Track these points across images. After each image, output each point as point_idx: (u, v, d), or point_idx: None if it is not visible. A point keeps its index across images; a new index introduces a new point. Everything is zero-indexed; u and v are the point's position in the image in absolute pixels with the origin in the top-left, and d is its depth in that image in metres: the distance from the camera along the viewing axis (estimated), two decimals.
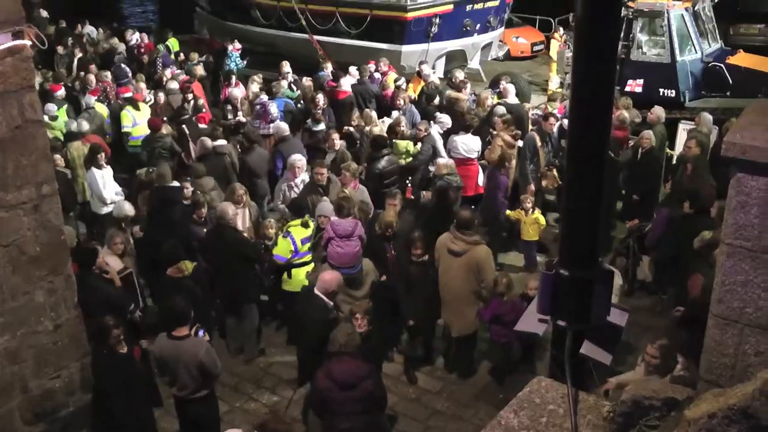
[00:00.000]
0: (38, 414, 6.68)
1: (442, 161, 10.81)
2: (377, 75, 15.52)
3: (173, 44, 19.67)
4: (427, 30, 17.58)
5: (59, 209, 6.65)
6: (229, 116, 14.45)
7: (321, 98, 13.33)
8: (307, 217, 9.27)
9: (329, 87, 14.67)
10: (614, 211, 11.53)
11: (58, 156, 10.84)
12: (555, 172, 11.35)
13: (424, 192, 10.95)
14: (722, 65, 14.98)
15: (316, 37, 18.76)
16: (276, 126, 12.57)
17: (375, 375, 6.57)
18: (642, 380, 5.65)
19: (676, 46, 14.97)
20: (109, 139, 13.34)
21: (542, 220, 10.71)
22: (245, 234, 9.51)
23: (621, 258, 10.31)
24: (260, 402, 8.46)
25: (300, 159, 10.73)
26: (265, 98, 13.73)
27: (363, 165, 11.43)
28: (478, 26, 18.65)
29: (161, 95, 14.31)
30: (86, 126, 12.29)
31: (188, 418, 7.07)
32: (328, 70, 15.81)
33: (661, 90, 15.04)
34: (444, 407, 8.36)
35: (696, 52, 15.21)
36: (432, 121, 12.27)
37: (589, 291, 2.84)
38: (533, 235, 10.75)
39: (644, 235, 9.76)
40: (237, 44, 18.70)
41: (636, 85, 15.21)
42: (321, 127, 12.73)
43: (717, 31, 16.32)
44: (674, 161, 12.14)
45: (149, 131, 12.64)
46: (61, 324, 6.72)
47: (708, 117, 12.22)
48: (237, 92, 14.74)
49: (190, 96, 14.21)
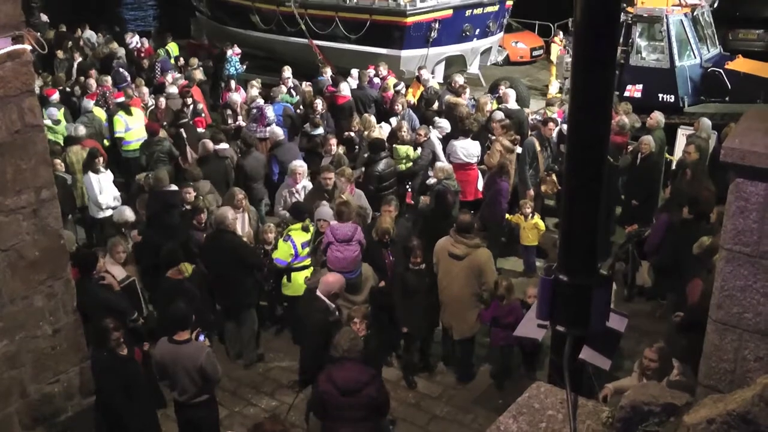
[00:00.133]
0: (37, 419, 6.66)
1: (440, 165, 10.83)
2: (376, 80, 15.55)
3: (173, 49, 19.70)
4: (427, 35, 17.60)
5: (58, 214, 6.64)
6: (229, 121, 14.51)
7: (319, 103, 13.35)
8: (308, 221, 9.27)
9: (329, 92, 14.69)
10: (613, 216, 11.52)
11: (58, 161, 10.84)
12: (554, 177, 11.35)
13: (423, 197, 10.97)
14: (721, 70, 14.99)
15: (316, 42, 18.79)
16: (271, 130, 12.61)
17: (377, 380, 6.54)
18: (641, 385, 5.63)
19: (675, 52, 14.98)
20: (108, 143, 13.35)
21: (542, 225, 10.71)
22: (244, 239, 9.51)
23: (620, 263, 10.31)
24: (259, 407, 8.45)
25: (301, 165, 10.74)
26: (262, 102, 13.77)
27: (360, 169, 11.46)
28: (478, 31, 18.68)
29: (162, 100, 14.33)
30: (83, 130, 12.30)
31: (188, 423, 7.06)
32: (328, 75, 15.83)
33: (660, 95, 15.05)
34: (443, 412, 8.34)
35: (695, 58, 15.23)
36: (431, 126, 12.30)
37: (588, 296, 2.84)
38: (533, 240, 10.76)
39: (643, 241, 9.75)
40: (236, 49, 18.73)
41: (635, 90, 15.21)
42: (319, 132, 12.75)
43: (716, 37, 16.35)
44: (673, 166, 12.14)
45: (147, 135, 12.71)
46: (60, 328, 6.70)
47: (707, 122, 12.23)
48: (236, 97, 14.80)
49: (189, 100, 14.25)
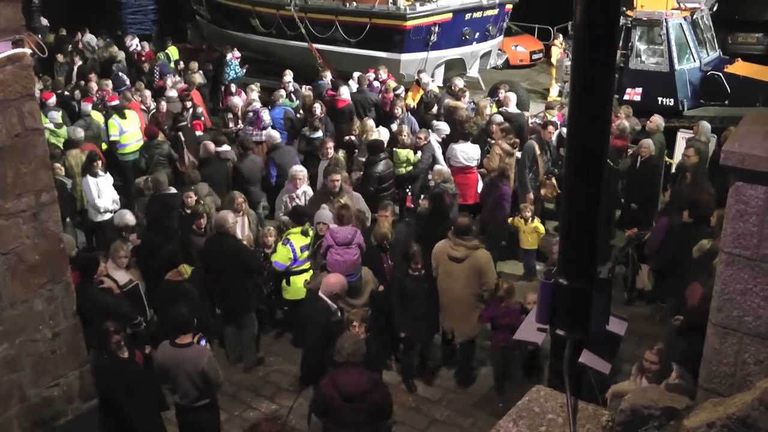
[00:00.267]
0: (37, 422, 6.65)
1: (437, 168, 10.87)
2: (376, 83, 15.56)
3: (173, 53, 19.71)
4: (426, 38, 17.61)
5: (58, 217, 6.65)
6: (230, 124, 14.55)
7: (318, 107, 13.38)
8: (307, 225, 9.28)
9: (328, 96, 14.70)
10: (613, 220, 11.52)
11: (58, 165, 10.84)
12: (554, 181, 11.36)
13: (421, 200, 11.00)
14: (720, 74, 15.01)
15: (316, 46, 18.80)
16: (267, 133, 12.64)
17: (381, 386, 6.53)
18: (641, 389, 5.63)
19: (675, 55, 15.00)
20: (105, 147, 13.36)
21: (541, 229, 10.72)
22: (245, 242, 9.51)
23: (620, 266, 10.31)
24: (259, 410, 8.44)
25: (301, 170, 10.75)
26: (258, 105, 13.80)
27: (359, 171, 11.49)
28: (477, 35, 18.69)
29: (163, 104, 14.35)
30: (82, 134, 12.32)
31: (189, 426, 7.07)
32: (328, 79, 15.84)
33: (660, 99, 15.06)
34: (443, 416, 8.34)
35: (694, 61, 15.24)
36: (431, 130, 12.32)
37: (588, 300, 2.83)
38: (532, 244, 10.77)
39: (643, 244, 9.75)
40: (236, 52, 18.74)
41: (635, 94, 15.23)
42: (318, 135, 12.78)
43: (715, 40, 16.37)
44: (673, 170, 12.15)
45: (147, 139, 12.77)
46: (60, 332, 6.71)
47: (706, 126, 12.25)
48: (237, 100, 14.83)
49: (189, 104, 14.28)
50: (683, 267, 8.31)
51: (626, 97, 15.08)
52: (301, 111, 14.52)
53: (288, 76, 15.72)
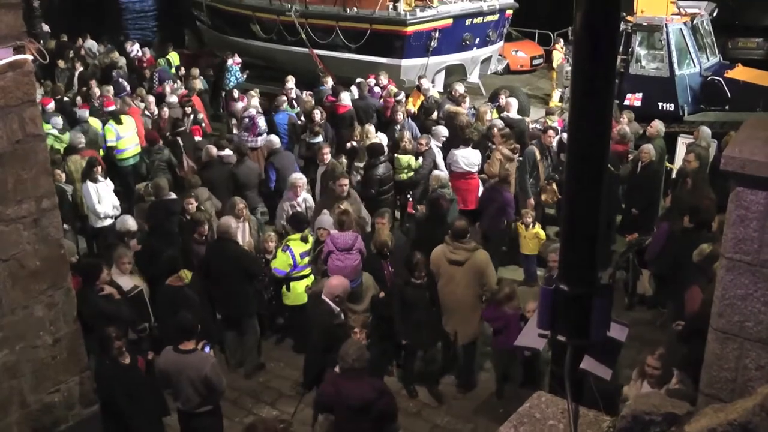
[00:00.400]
0: (37, 429, 6.65)
1: (435, 174, 10.89)
2: (377, 89, 15.57)
3: (174, 58, 19.74)
4: (427, 44, 17.63)
5: (59, 223, 6.66)
6: (234, 130, 14.58)
7: (317, 113, 13.40)
8: (307, 232, 9.28)
9: (329, 102, 14.72)
10: (614, 225, 11.52)
11: (58, 171, 10.85)
12: (554, 186, 11.35)
13: (419, 206, 11.02)
14: (721, 79, 15.02)
15: (316, 51, 18.82)
16: (266, 139, 12.69)
17: (386, 394, 6.51)
18: (641, 395, 5.63)
19: (675, 60, 15.01)
20: (102, 153, 13.37)
21: (542, 235, 10.70)
22: (246, 248, 9.51)
23: (621, 272, 10.30)
24: (260, 416, 8.41)
25: (300, 177, 10.76)
26: (254, 111, 13.83)
27: (358, 175, 11.54)
28: (478, 40, 18.71)
29: (165, 109, 14.37)
30: (83, 140, 12.34)
31: None
32: (329, 85, 15.86)
33: (660, 104, 15.07)
34: (444, 421, 8.32)
35: (694, 66, 15.26)
36: (431, 135, 12.34)
37: (589, 306, 2.83)
38: (533, 249, 10.75)
39: (644, 249, 9.75)
40: (237, 58, 18.76)
41: (635, 99, 15.23)
42: (318, 140, 12.81)
43: (715, 45, 16.38)
44: (674, 175, 12.15)
45: (147, 144, 12.80)
46: (61, 338, 6.71)
47: (707, 131, 12.24)
48: (240, 106, 14.82)
49: (189, 110, 14.31)
50: (684, 272, 8.30)
51: (626, 103, 15.08)
52: (303, 117, 14.54)
53: (290, 83, 15.74)
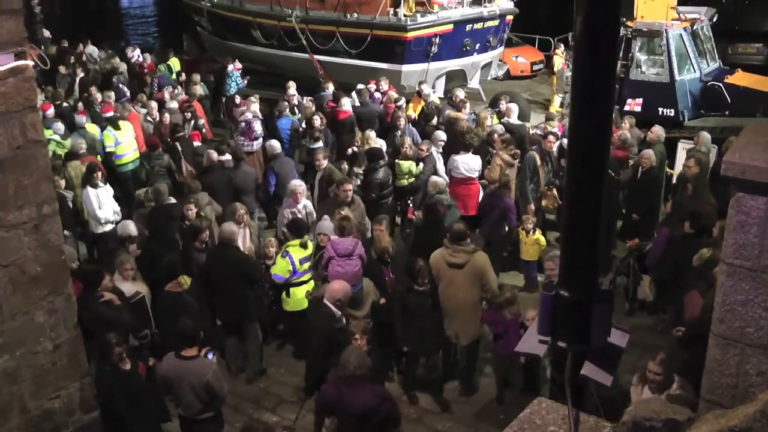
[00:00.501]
0: None
1: (433, 180, 10.91)
2: (377, 95, 15.59)
3: (174, 64, 19.76)
4: (427, 50, 17.64)
5: (60, 229, 6.66)
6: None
7: (317, 119, 13.44)
8: (306, 238, 9.28)
9: (329, 107, 14.74)
10: (615, 231, 11.51)
11: (57, 177, 10.83)
12: (555, 192, 11.35)
13: (416, 211, 11.04)
14: (721, 84, 15.03)
15: (317, 57, 18.85)
16: (267, 144, 12.69)
17: (388, 401, 6.50)
18: (642, 401, 5.62)
19: (675, 66, 15.03)
20: (101, 159, 13.38)
21: (542, 241, 10.68)
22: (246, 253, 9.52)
23: (621, 277, 10.30)
24: (260, 422, 8.41)
25: (300, 184, 10.76)
26: (250, 116, 13.87)
27: (358, 179, 11.60)
28: (478, 46, 18.73)
29: (167, 115, 14.38)
30: (84, 146, 12.36)
31: None
32: (330, 91, 15.87)
33: (660, 109, 15.08)
34: (446, 427, 8.31)
35: (695, 72, 15.27)
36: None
37: (589, 312, 2.83)
38: (534, 255, 10.71)
39: (644, 255, 9.74)
40: (237, 64, 18.78)
41: (635, 105, 15.25)
42: (318, 145, 12.83)
43: (715, 51, 16.40)
44: (674, 180, 12.15)
45: (148, 149, 12.82)
46: (61, 344, 6.70)
47: (706, 136, 12.25)
48: (243, 111, 14.82)
49: (189, 115, 14.32)
50: (685, 278, 8.30)
51: (627, 108, 15.09)
52: (304, 122, 14.56)
53: (292, 89, 15.75)
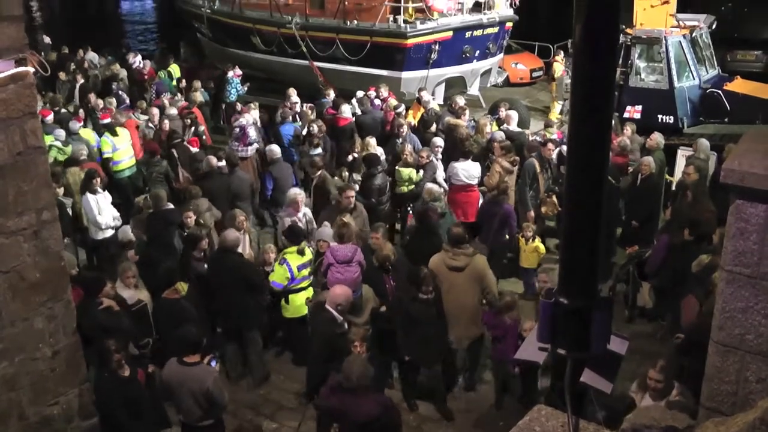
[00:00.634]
0: None
1: (428, 187, 10.90)
2: (377, 101, 15.60)
3: (175, 70, 19.80)
4: (427, 56, 17.67)
5: (59, 235, 6.66)
6: None
7: (315, 127, 13.47)
8: (303, 244, 9.29)
9: (329, 114, 14.76)
10: (614, 237, 11.51)
11: (55, 185, 10.82)
12: (554, 199, 11.35)
13: (411, 217, 11.08)
14: (720, 91, 15.05)
15: (317, 64, 18.88)
16: (269, 149, 12.77)
17: (391, 409, 6.49)
18: (642, 408, 5.62)
19: (674, 73, 15.06)
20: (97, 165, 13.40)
21: (542, 249, 10.67)
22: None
23: (621, 284, 10.29)
24: (259, 429, 8.40)
25: (299, 192, 10.76)
26: (244, 122, 13.91)
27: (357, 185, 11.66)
28: (478, 53, 18.76)
29: (166, 122, 14.40)
30: (85, 152, 12.37)
31: None
32: (330, 98, 15.89)
33: (660, 116, 15.10)
34: None
35: (694, 79, 15.30)
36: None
37: (589, 319, 2.83)
38: (533, 263, 10.73)
39: (644, 262, 9.74)
40: (237, 70, 18.81)
41: (634, 112, 15.27)
42: (318, 152, 12.88)
43: (714, 58, 16.44)
44: (673, 187, 12.16)
45: (147, 155, 12.84)
46: (60, 350, 6.70)
47: (705, 143, 12.26)
48: (248, 117, 14.81)
49: (189, 121, 14.35)
50: (684, 285, 8.30)
51: (626, 115, 15.11)
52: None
53: (294, 96, 15.76)
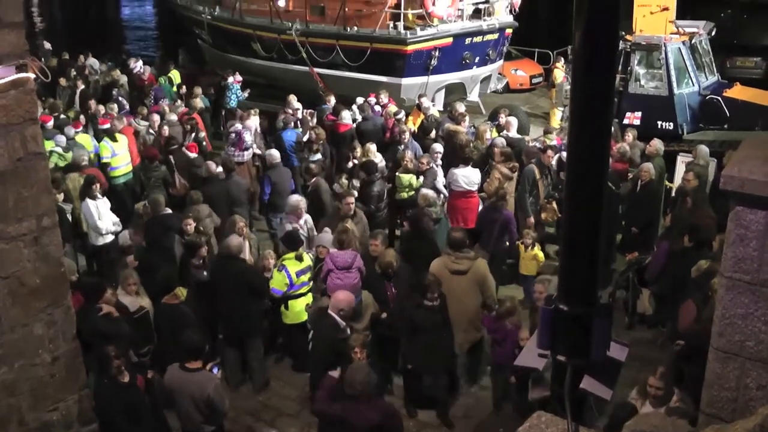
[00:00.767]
0: None
1: (423, 193, 10.92)
2: (377, 107, 15.63)
3: (175, 76, 19.82)
4: (427, 63, 17.70)
5: (59, 241, 6.66)
6: None
7: (314, 134, 13.49)
8: (301, 250, 9.29)
9: (329, 120, 14.77)
10: (614, 244, 11.51)
11: (55, 191, 10.82)
12: (554, 205, 11.36)
13: (405, 222, 11.08)
14: (719, 98, 15.07)
15: (317, 70, 18.91)
16: (268, 153, 12.81)
17: (393, 416, 6.48)
18: (642, 415, 5.61)
19: (674, 79, 15.08)
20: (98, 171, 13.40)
21: (541, 257, 10.62)
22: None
23: (621, 291, 10.28)
24: None
25: (302, 200, 10.75)
26: (240, 127, 13.92)
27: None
28: (477, 59, 18.79)
29: (166, 128, 14.41)
30: (86, 159, 12.38)
31: None
32: (331, 104, 15.90)
33: (659, 122, 15.12)
34: None
35: (693, 85, 15.32)
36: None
37: (589, 326, 2.83)
38: (531, 270, 10.69)
39: (644, 268, 9.74)
40: (237, 76, 18.84)
41: (634, 118, 15.28)
42: (318, 158, 12.92)
43: (714, 64, 16.46)
44: (673, 193, 12.17)
45: (146, 161, 12.89)
46: (59, 356, 6.69)
47: (704, 149, 12.27)
48: (249, 124, 14.84)
49: (189, 127, 14.36)
50: (684, 291, 8.29)
51: (626, 121, 15.13)
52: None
53: (297, 103, 15.77)
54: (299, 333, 9.08)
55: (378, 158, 12.49)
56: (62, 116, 15.60)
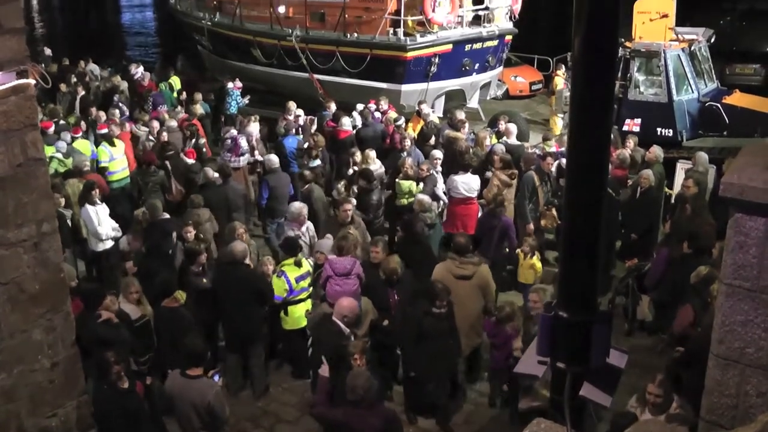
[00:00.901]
0: None
1: (419, 198, 10.91)
2: (378, 114, 15.64)
3: (175, 82, 19.84)
4: (427, 69, 17.72)
5: (59, 247, 6.64)
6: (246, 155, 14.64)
7: (312, 140, 13.51)
8: (300, 256, 9.29)
9: (329, 127, 14.79)
10: (614, 250, 11.51)
11: (57, 195, 10.83)
12: (554, 212, 11.35)
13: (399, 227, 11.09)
14: (718, 105, 15.10)
15: (317, 76, 18.93)
16: (267, 158, 12.82)
17: (393, 421, 6.47)
18: (641, 422, 5.60)
19: (673, 86, 15.12)
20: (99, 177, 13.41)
21: (538, 266, 10.51)
22: None
23: (620, 297, 10.28)
24: None
25: (303, 206, 10.72)
26: (235, 132, 13.95)
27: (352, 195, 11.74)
28: (477, 65, 18.81)
29: (165, 134, 14.43)
30: (88, 164, 12.41)
31: None
32: (331, 110, 15.91)
33: (659, 129, 15.15)
34: None
35: (693, 92, 15.36)
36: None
37: (588, 333, 2.83)
38: (529, 279, 10.63)
39: (644, 275, 9.74)
40: (238, 82, 18.86)
41: (633, 125, 15.31)
42: (317, 164, 12.94)
43: (713, 71, 16.50)
44: (673, 200, 12.17)
45: (144, 166, 12.92)
46: (59, 362, 6.67)
47: (703, 156, 12.28)
48: (248, 130, 14.86)
49: (189, 133, 14.38)
50: (683, 298, 8.29)
51: (625, 128, 15.16)
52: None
53: (298, 109, 15.79)
54: (299, 339, 9.07)
55: (377, 165, 12.51)
56: (62, 122, 15.61)
